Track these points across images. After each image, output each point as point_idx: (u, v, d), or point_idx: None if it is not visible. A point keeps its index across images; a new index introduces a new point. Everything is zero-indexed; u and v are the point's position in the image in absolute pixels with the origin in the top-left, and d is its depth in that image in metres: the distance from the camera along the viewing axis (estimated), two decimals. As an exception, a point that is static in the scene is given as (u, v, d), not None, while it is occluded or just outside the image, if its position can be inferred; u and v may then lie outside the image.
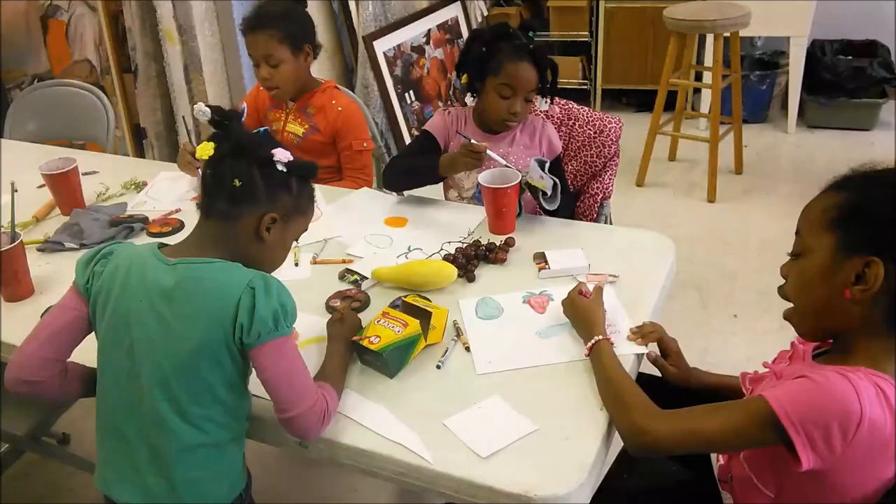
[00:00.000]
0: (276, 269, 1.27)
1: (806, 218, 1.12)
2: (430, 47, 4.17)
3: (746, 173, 3.90)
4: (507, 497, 1.07)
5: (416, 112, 4.00)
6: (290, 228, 1.25)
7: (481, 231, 1.77)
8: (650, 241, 1.70)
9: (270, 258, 1.26)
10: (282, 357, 1.13)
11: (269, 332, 1.10)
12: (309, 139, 2.24)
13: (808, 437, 0.99)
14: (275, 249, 1.25)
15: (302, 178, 1.25)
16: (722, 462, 1.30)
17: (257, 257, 1.22)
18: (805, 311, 1.13)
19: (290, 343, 1.15)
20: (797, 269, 1.12)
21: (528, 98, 1.84)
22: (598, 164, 2.08)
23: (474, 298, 1.52)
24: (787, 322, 1.17)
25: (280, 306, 1.12)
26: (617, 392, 1.19)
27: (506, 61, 1.79)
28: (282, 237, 1.24)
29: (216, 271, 1.15)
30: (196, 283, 1.14)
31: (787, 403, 1.00)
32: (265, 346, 1.11)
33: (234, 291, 1.11)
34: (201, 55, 3.38)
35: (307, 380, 1.16)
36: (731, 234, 3.36)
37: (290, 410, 1.13)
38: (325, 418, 1.15)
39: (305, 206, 1.27)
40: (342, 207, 1.95)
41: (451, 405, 1.23)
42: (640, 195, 3.78)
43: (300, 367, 1.15)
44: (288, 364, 1.13)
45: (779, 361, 1.25)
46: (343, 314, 1.39)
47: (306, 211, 1.28)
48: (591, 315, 1.34)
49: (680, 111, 3.99)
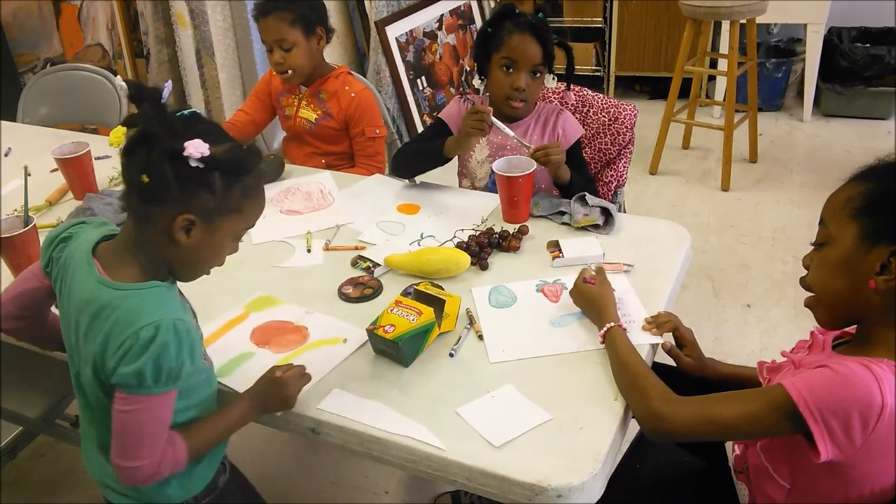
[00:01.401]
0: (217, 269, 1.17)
1: (830, 207, 1.11)
2: (443, 33, 4.14)
3: (761, 162, 3.87)
4: (520, 486, 1.06)
5: (427, 98, 3.99)
6: (219, 229, 1.09)
7: (495, 219, 1.76)
8: (665, 229, 1.69)
9: (195, 261, 1.12)
10: (132, 413, 1.04)
11: (128, 387, 1.02)
12: (321, 125, 2.23)
13: (827, 428, 0.98)
14: (199, 252, 1.10)
15: (230, 173, 1.06)
16: (738, 452, 1.29)
17: (177, 261, 1.10)
18: (827, 301, 1.12)
19: (150, 402, 1.04)
20: (820, 258, 1.11)
21: (535, 72, 1.79)
22: (613, 151, 2.06)
23: (487, 286, 1.51)
24: (800, 312, 1.17)
25: (153, 366, 1.01)
26: (632, 377, 1.18)
27: (507, 35, 1.77)
28: (208, 239, 1.08)
29: (114, 303, 1.05)
30: (101, 309, 1.06)
31: (807, 393, 0.99)
32: (122, 395, 1.04)
33: (119, 335, 1.03)
34: (213, 40, 3.37)
35: (150, 442, 1.06)
36: (744, 223, 3.33)
37: (115, 458, 1.07)
38: (149, 480, 1.08)
39: (238, 205, 1.09)
40: (354, 194, 1.94)
41: (463, 393, 1.23)
42: (654, 183, 3.76)
43: (147, 429, 1.06)
44: (137, 421, 1.05)
45: (797, 351, 1.23)
46: (287, 377, 1.20)
47: (242, 209, 1.10)
48: (602, 301, 1.34)
49: (694, 99, 3.95)
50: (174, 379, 1.04)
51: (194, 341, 1.07)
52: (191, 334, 1.06)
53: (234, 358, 1.36)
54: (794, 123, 4.26)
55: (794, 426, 1.01)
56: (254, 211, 1.13)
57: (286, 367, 1.23)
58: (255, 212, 1.14)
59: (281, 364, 1.25)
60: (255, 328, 1.44)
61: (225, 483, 1.28)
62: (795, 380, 1.02)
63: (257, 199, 1.13)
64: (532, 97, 1.85)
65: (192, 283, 1.16)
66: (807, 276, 1.15)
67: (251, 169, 1.09)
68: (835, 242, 1.08)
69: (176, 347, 1.03)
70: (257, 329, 1.44)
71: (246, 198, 1.10)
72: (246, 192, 1.09)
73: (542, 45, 1.77)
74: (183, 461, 1.12)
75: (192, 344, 1.06)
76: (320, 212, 1.86)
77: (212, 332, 1.42)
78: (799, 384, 1.01)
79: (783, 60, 4.27)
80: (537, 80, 1.81)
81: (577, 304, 1.40)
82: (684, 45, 3.59)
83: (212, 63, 3.43)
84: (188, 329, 1.05)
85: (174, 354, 1.02)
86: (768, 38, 4.43)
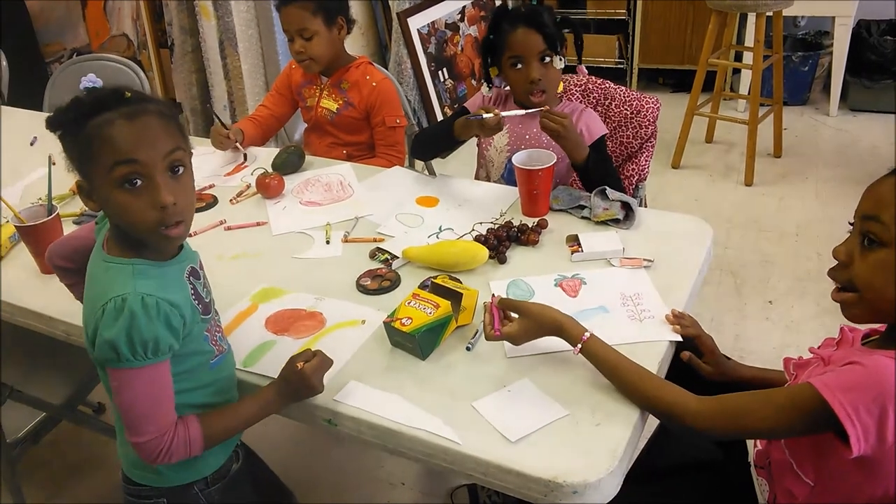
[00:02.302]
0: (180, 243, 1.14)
1: (889, 205, 1.03)
2: (465, 24, 4.13)
3: (785, 157, 3.82)
4: (535, 482, 1.06)
5: (448, 90, 3.97)
6: (101, 189, 1.04)
7: (513, 212, 1.75)
8: (688, 224, 1.67)
9: (124, 224, 1.07)
10: (122, 388, 1.06)
11: (108, 360, 1.04)
12: (342, 114, 2.24)
13: (861, 424, 0.96)
14: (113, 212, 1.07)
15: (72, 124, 1.02)
16: (760, 447, 1.27)
17: (120, 229, 1.10)
18: (878, 306, 1.06)
19: (134, 375, 1.04)
20: (875, 259, 1.04)
21: (544, 58, 1.77)
22: (635, 145, 2.04)
23: (505, 280, 1.51)
24: (823, 309, 1.15)
25: (125, 337, 1.01)
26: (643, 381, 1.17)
27: (506, 35, 1.77)
28: (103, 197, 1.05)
29: (97, 275, 1.09)
30: (90, 279, 1.10)
31: (839, 390, 0.97)
32: (110, 371, 1.05)
33: (94, 307, 1.04)
34: (236, 31, 3.39)
35: (152, 415, 1.08)
36: (767, 219, 3.29)
37: (129, 436, 1.08)
38: (161, 456, 1.09)
39: (89, 150, 1.02)
40: (374, 186, 1.94)
41: (480, 387, 1.23)
42: (676, 177, 3.73)
43: (144, 402, 1.07)
44: (130, 396, 1.06)
45: (825, 347, 1.21)
46: (307, 371, 1.19)
47: (93, 152, 1.02)
48: (555, 315, 1.23)
49: (718, 92, 3.91)
50: (154, 352, 1.04)
51: (169, 316, 1.05)
52: (161, 308, 1.04)
53: (256, 347, 1.37)
54: (820, 118, 4.20)
55: (825, 425, 0.99)
56: (107, 148, 1.01)
57: (307, 355, 1.21)
58: (110, 149, 1.01)
59: (301, 351, 1.24)
60: (267, 318, 1.45)
61: (236, 471, 1.29)
62: (825, 378, 1.01)
63: (107, 136, 1.01)
64: (551, 85, 1.81)
65: (213, 272, 1.17)
66: (845, 273, 1.08)
67: (89, 112, 1.02)
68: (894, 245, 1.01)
69: (145, 319, 1.02)
70: (270, 319, 1.44)
71: (94, 139, 1.01)
72: (93, 135, 1.01)
73: (540, 31, 1.75)
74: (198, 444, 1.13)
75: (167, 318, 1.05)
76: (340, 203, 1.87)
77: (225, 326, 1.42)
78: (829, 381, 0.99)
79: (810, 54, 4.21)
80: (549, 67, 1.78)
81: (533, 333, 1.25)
82: (709, 37, 3.54)
83: (235, 54, 3.44)
84: (158, 303, 1.04)
85: (144, 326, 1.02)
86: (795, 31, 4.36)
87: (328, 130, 2.30)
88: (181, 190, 1.07)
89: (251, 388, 1.28)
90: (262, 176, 1.91)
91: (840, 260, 1.10)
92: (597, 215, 1.66)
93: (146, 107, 1.05)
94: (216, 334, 1.22)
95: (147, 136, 1.03)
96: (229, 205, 1.90)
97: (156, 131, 1.04)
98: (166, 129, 1.06)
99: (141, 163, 1.02)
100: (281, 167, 2.01)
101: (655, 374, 1.20)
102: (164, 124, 1.06)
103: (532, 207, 1.73)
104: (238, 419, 1.20)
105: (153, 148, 1.03)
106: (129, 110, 1.02)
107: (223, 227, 1.79)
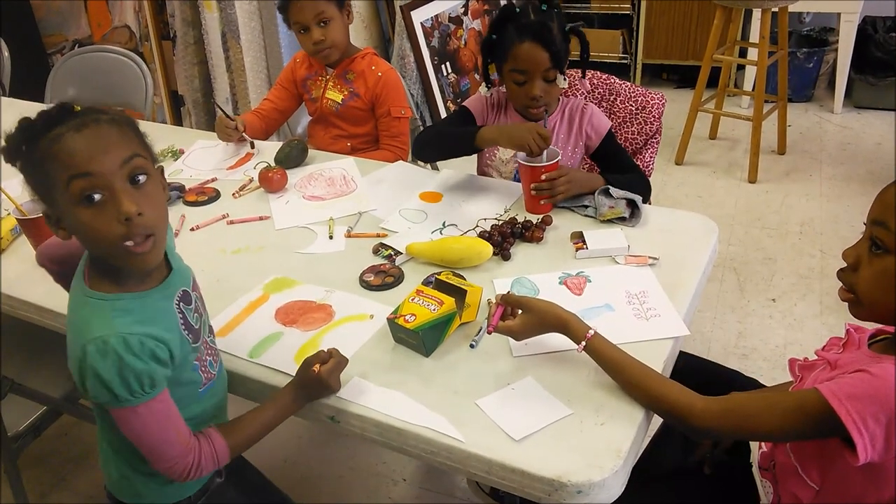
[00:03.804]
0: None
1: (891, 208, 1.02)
2: (468, 18, 4.11)
3: (789, 153, 3.80)
4: (539, 481, 1.05)
5: (451, 84, 3.96)
6: (64, 212, 1.00)
7: (518, 208, 1.74)
8: (693, 222, 1.66)
9: (91, 248, 1.06)
10: (129, 425, 1.04)
11: (107, 402, 1.01)
12: (348, 105, 2.23)
13: (868, 433, 0.95)
14: (81, 234, 1.02)
15: (23, 159, 0.98)
16: (765, 449, 1.27)
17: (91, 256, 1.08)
18: (877, 310, 1.06)
19: (137, 412, 1.02)
20: (880, 265, 1.04)
21: (547, 78, 1.73)
22: (639, 140, 2.03)
23: (509, 278, 1.50)
24: (826, 307, 1.14)
25: (118, 378, 0.98)
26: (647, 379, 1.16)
27: (511, 45, 1.70)
28: (69, 222, 1.01)
29: (77, 308, 1.06)
30: (70, 309, 1.07)
31: (846, 398, 0.97)
32: (111, 411, 1.03)
33: (76, 345, 1.01)
34: (239, 23, 3.38)
35: (166, 439, 1.06)
36: (771, 216, 3.28)
37: (154, 465, 1.08)
38: (191, 473, 1.09)
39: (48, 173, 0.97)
40: (377, 180, 1.93)
41: (484, 385, 1.22)
42: (679, 173, 3.71)
43: (156, 434, 1.05)
44: (138, 430, 1.04)
45: (830, 348, 1.20)
46: (324, 374, 1.18)
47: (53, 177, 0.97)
48: (558, 312, 1.22)
49: (723, 88, 3.89)
50: (150, 386, 1.01)
51: (156, 351, 1.02)
52: (146, 345, 1.01)
53: (263, 339, 1.36)
54: (825, 115, 4.18)
55: (831, 430, 0.98)
56: (59, 164, 0.96)
57: (322, 357, 1.21)
58: (63, 164, 0.96)
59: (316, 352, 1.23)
60: (277, 309, 1.44)
61: (219, 484, 1.28)
62: (832, 385, 1.00)
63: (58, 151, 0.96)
64: (551, 99, 1.79)
65: (215, 266, 1.16)
66: (852, 276, 1.08)
67: (40, 131, 0.97)
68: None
69: (132, 359, 0.99)
70: (280, 310, 1.44)
71: (46, 158, 0.97)
72: (45, 154, 0.97)
73: (547, 48, 1.68)
74: (225, 455, 1.14)
75: (153, 354, 1.01)
76: (343, 198, 1.86)
77: (234, 316, 1.43)
78: (837, 389, 0.98)
79: (815, 50, 4.19)
80: (552, 83, 1.75)
81: (537, 329, 1.24)
82: (714, 33, 3.53)
83: (237, 46, 3.43)
84: (142, 342, 1.00)
85: (133, 365, 0.99)
86: (800, 28, 4.34)
87: (333, 122, 2.29)
88: (146, 200, 1.00)
89: (254, 381, 1.28)
90: (265, 170, 1.90)
91: (848, 263, 1.09)
92: (602, 214, 1.65)
93: (97, 117, 0.99)
94: (206, 359, 1.19)
95: (99, 146, 0.97)
96: (232, 199, 1.89)
97: (108, 139, 0.98)
98: (122, 137, 1.00)
99: (96, 174, 0.96)
100: (284, 161, 1.99)
101: (660, 373, 1.19)
102: (118, 132, 1.00)
103: (535, 204, 1.72)
104: (259, 426, 1.19)
105: (107, 156, 0.97)
106: (78, 122, 0.97)
107: (226, 221, 1.78)
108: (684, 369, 1.34)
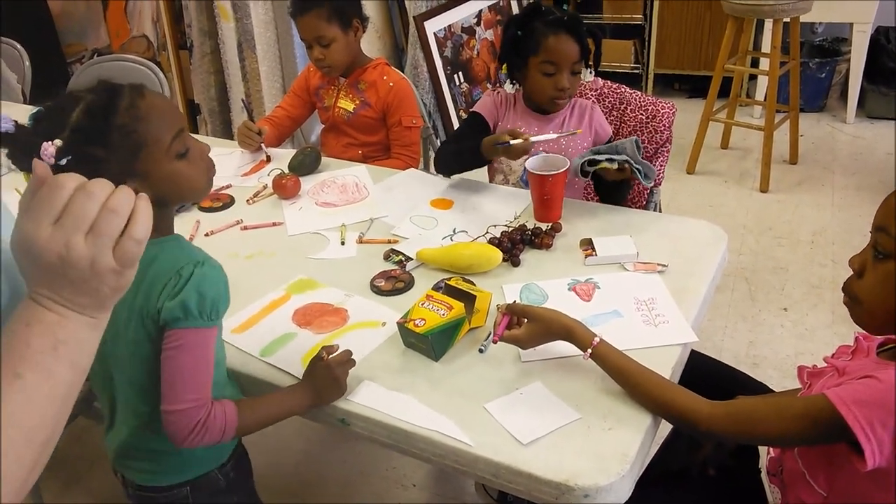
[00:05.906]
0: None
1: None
2: (481, 28, 4.14)
3: (801, 164, 3.80)
4: (546, 485, 1.07)
5: (464, 94, 3.98)
6: (157, 168, 1.09)
7: (528, 215, 1.76)
8: (702, 230, 1.67)
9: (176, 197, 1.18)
10: (179, 348, 1.09)
11: (175, 320, 1.08)
12: (359, 114, 2.26)
13: (876, 438, 0.96)
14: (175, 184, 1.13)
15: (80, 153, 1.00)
16: (773, 454, 1.27)
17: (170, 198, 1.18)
18: (878, 315, 1.07)
19: (194, 337, 1.09)
20: (882, 270, 1.05)
21: (574, 71, 1.79)
22: (650, 150, 2.04)
23: (519, 284, 1.51)
24: (838, 317, 1.15)
25: (196, 295, 1.07)
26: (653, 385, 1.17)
27: (543, 38, 1.75)
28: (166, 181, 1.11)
29: (164, 251, 1.12)
30: (148, 263, 1.10)
31: (853, 404, 0.98)
32: (170, 333, 1.09)
33: (166, 274, 1.09)
34: (255, 33, 3.42)
35: (196, 382, 1.10)
36: (782, 226, 3.28)
37: (165, 404, 1.10)
38: (196, 430, 1.10)
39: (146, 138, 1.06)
40: (388, 187, 1.95)
41: (492, 389, 1.23)
42: (690, 183, 3.71)
43: (193, 366, 1.10)
44: (182, 358, 1.09)
45: (839, 356, 1.20)
46: (332, 362, 1.22)
47: (152, 138, 1.07)
48: (564, 320, 1.23)
49: (734, 98, 3.89)
50: (216, 312, 1.11)
51: (227, 282, 1.14)
52: (223, 273, 1.14)
53: (277, 338, 1.39)
54: (837, 125, 4.17)
55: (838, 436, 0.99)
56: (160, 125, 1.08)
57: (331, 349, 1.24)
58: (164, 125, 1.08)
59: (318, 349, 1.26)
60: (296, 309, 1.47)
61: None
62: (840, 390, 1.01)
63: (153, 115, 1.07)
64: (573, 93, 1.86)
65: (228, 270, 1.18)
66: (856, 285, 1.09)
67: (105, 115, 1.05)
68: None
69: (214, 278, 1.11)
70: (299, 311, 1.47)
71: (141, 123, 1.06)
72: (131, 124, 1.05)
73: (578, 41, 1.76)
74: (231, 429, 1.15)
75: (226, 283, 1.13)
76: (355, 205, 1.88)
77: (254, 314, 1.46)
78: (844, 394, 0.99)
79: (827, 60, 4.18)
80: (576, 76, 1.82)
81: (542, 337, 1.25)
82: (725, 43, 3.53)
83: (253, 56, 3.47)
84: (221, 268, 1.14)
85: (213, 284, 1.10)
86: (812, 38, 4.34)
87: (345, 130, 2.32)
88: None
89: (260, 380, 1.30)
90: (279, 177, 1.93)
91: (854, 270, 1.11)
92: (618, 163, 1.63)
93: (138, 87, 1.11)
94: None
95: (174, 105, 1.16)
96: (246, 205, 1.92)
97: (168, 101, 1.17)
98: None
99: (186, 129, 1.14)
100: (297, 168, 2.02)
101: (667, 379, 1.20)
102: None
103: (544, 213, 1.73)
104: (269, 412, 1.21)
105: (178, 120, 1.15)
106: (140, 90, 1.09)
107: (240, 227, 1.81)
108: (695, 369, 1.35)
